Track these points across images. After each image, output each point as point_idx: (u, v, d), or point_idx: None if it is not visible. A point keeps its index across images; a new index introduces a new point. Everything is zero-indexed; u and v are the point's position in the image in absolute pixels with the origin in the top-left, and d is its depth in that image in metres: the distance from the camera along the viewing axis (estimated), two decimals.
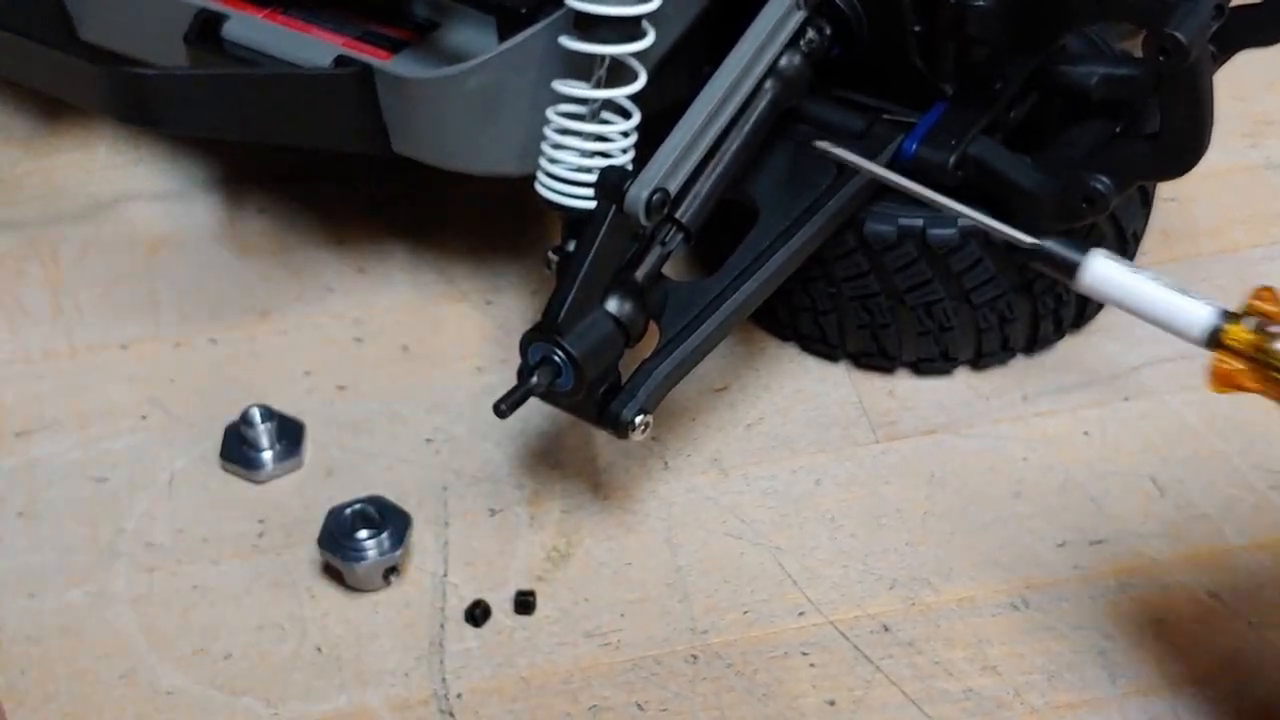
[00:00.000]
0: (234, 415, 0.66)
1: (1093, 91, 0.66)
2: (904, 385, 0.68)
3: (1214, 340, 0.47)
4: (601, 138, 0.62)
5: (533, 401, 0.58)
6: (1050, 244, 0.49)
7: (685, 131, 0.59)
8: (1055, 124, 0.67)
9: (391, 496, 0.62)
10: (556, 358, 0.57)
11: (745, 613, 0.60)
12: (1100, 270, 0.48)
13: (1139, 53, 0.59)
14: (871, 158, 0.64)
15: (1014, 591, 0.60)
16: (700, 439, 0.66)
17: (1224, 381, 0.47)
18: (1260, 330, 0.46)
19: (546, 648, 0.59)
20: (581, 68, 0.61)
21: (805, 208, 0.63)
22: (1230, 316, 0.47)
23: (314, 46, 0.68)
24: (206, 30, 0.69)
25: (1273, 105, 0.81)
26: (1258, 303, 0.46)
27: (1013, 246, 0.64)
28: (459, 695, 0.57)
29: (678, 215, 0.60)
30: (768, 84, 0.62)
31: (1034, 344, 0.68)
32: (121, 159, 0.82)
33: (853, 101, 0.67)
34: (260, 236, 0.77)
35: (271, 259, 0.75)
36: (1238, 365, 0.46)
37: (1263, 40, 0.65)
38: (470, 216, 0.77)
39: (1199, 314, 0.47)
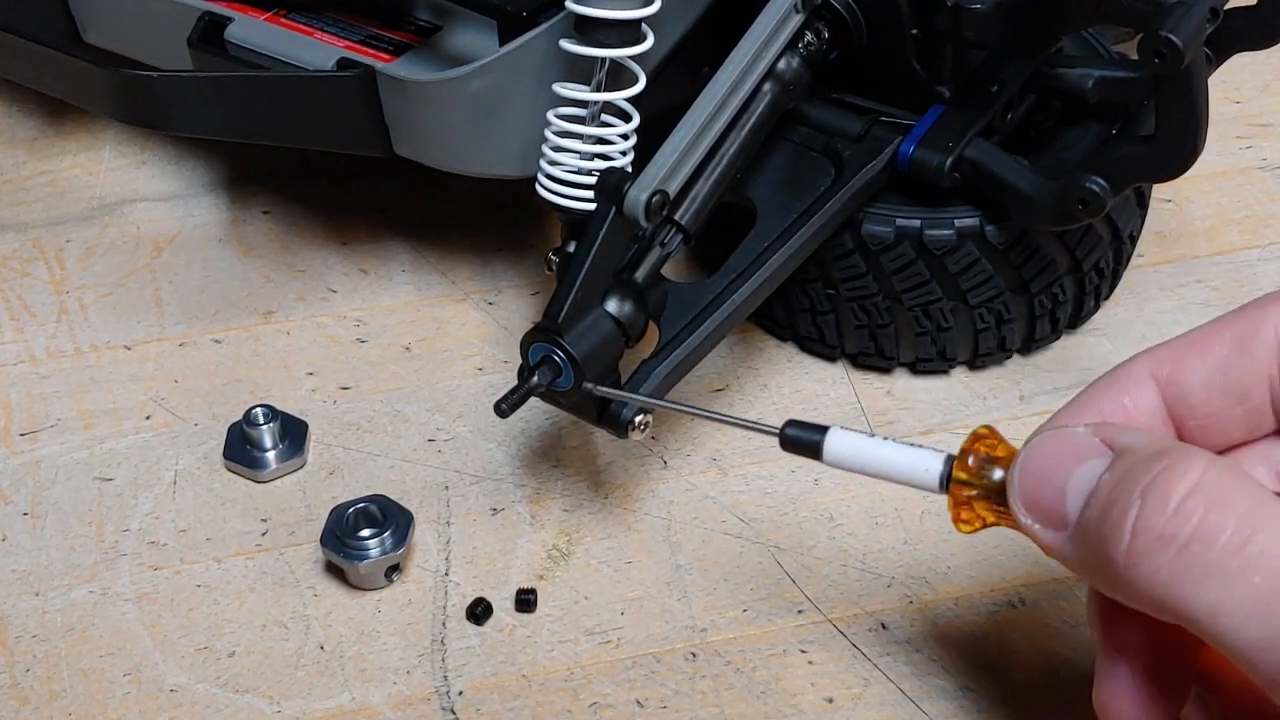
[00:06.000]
0: (237, 415, 0.66)
1: (1089, 94, 0.66)
2: (902, 385, 0.68)
3: (947, 482, 0.49)
4: (601, 140, 0.62)
5: (533, 401, 0.59)
6: (790, 430, 0.51)
7: (684, 134, 0.59)
8: (1052, 126, 0.68)
9: (394, 495, 0.63)
10: (557, 357, 0.57)
11: (744, 611, 0.60)
12: (839, 442, 0.50)
13: (1135, 55, 0.59)
14: (869, 159, 0.65)
15: (1011, 590, 0.60)
16: (699, 438, 0.66)
17: (960, 519, 0.49)
18: (979, 463, 0.48)
19: (547, 645, 0.59)
20: (582, 70, 0.61)
21: (803, 210, 0.63)
22: (953, 460, 0.49)
23: (317, 49, 0.69)
24: (210, 33, 0.70)
25: (1268, 107, 0.81)
26: (974, 442, 0.49)
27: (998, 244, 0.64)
28: (460, 692, 0.58)
29: (677, 217, 0.60)
30: (766, 86, 0.62)
31: (1030, 344, 0.69)
32: (126, 161, 0.82)
33: (850, 104, 0.67)
34: (264, 238, 0.77)
35: (275, 260, 0.76)
36: (971, 494, 0.49)
37: (1258, 43, 0.66)
38: (472, 218, 0.77)
39: (932, 461, 0.49)
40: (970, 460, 0.49)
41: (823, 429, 0.51)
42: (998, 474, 0.48)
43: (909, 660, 0.58)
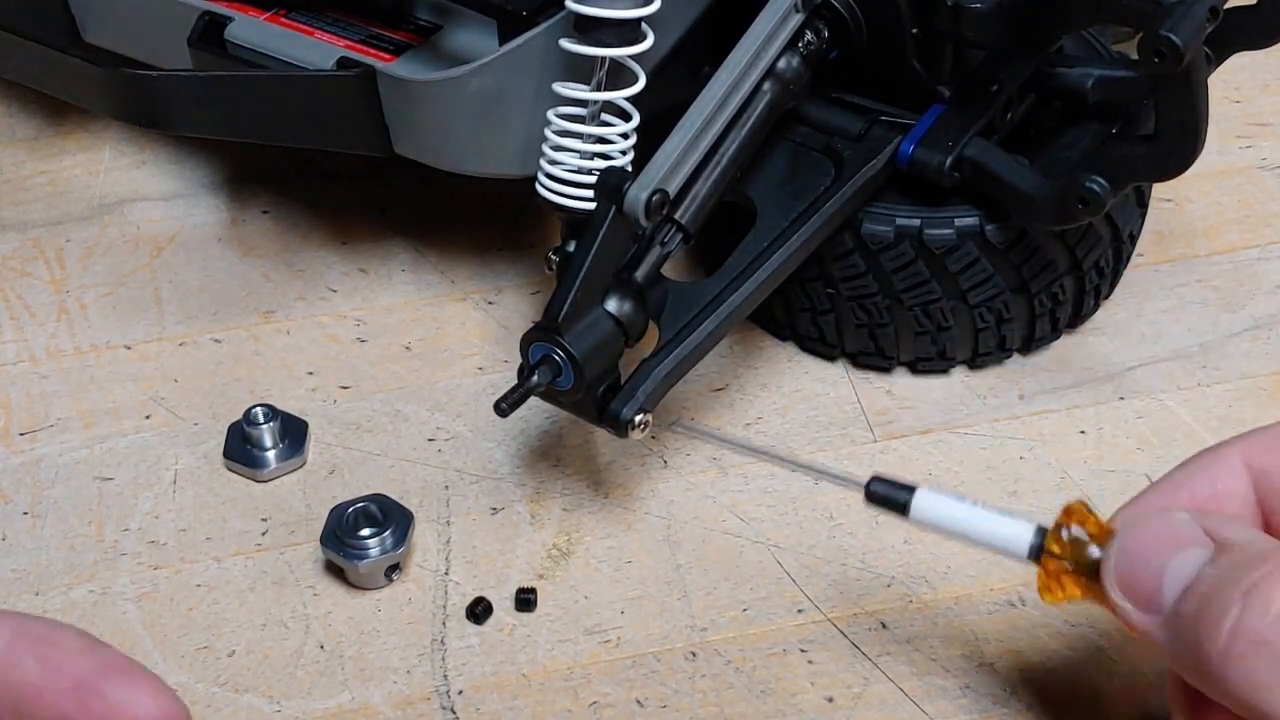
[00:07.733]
0: (237, 414, 0.66)
1: (1089, 93, 0.66)
2: (902, 384, 0.68)
3: (1036, 553, 0.50)
4: (601, 139, 0.62)
5: (533, 401, 0.59)
6: (876, 486, 0.52)
7: (684, 133, 0.59)
8: (1052, 126, 0.68)
9: (394, 495, 0.63)
10: (556, 357, 0.57)
11: (744, 610, 0.60)
12: (927, 502, 0.51)
13: (1135, 55, 0.59)
14: (869, 159, 0.65)
15: (1010, 589, 0.60)
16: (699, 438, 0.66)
17: (1048, 589, 0.50)
18: (1074, 539, 0.49)
19: (547, 645, 0.59)
20: (581, 70, 0.61)
21: (803, 209, 0.63)
22: (1045, 532, 0.50)
23: (317, 49, 0.69)
24: (210, 33, 0.70)
25: (1268, 106, 0.81)
26: (1066, 517, 0.50)
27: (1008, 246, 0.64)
28: (460, 692, 0.58)
29: (677, 216, 0.60)
30: (766, 86, 0.62)
31: (1031, 343, 0.69)
32: (126, 161, 0.82)
33: (850, 104, 0.67)
34: (264, 237, 0.77)
35: (275, 259, 0.76)
36: (1063, 568, 0.49)
37: (1258, 43, 0.66)
38: (472, 218, 0.77)
39: (1022, 531, 0.50)
40: (1064, 534, 0.49)
41: (910, 488, 0.51)
42: (1092, 551, 0.49)
43: (909, 660, 0.58)
